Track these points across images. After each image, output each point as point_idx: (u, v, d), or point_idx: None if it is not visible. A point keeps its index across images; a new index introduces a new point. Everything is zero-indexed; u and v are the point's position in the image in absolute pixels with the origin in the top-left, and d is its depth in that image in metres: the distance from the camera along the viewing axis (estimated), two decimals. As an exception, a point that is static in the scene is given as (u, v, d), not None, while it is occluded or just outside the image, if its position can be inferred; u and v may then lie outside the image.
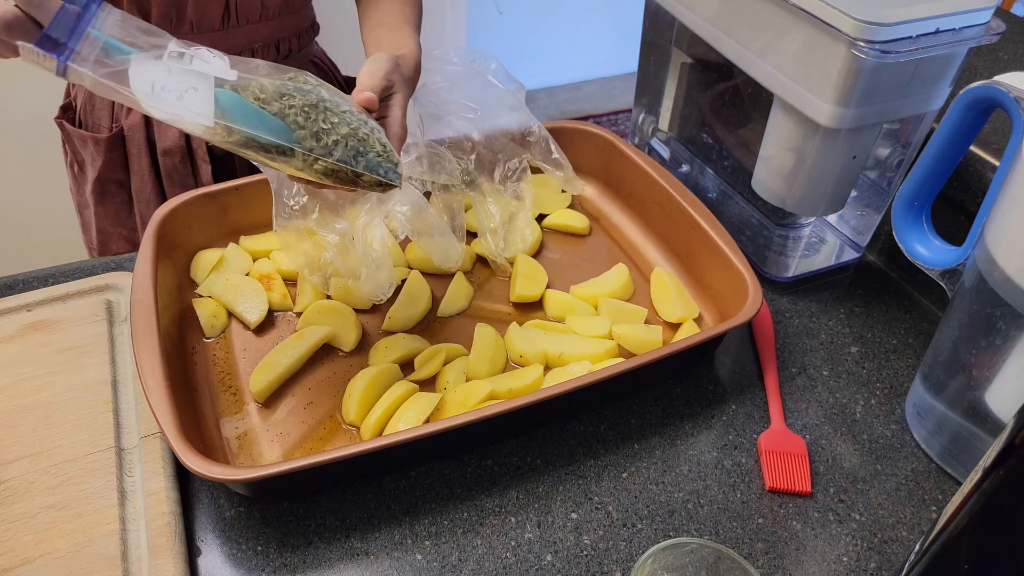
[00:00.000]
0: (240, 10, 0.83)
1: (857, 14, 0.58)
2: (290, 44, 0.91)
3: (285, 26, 0.89)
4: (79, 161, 0.92)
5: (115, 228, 0.94)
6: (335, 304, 0.72)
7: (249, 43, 0.86)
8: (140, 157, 0.89)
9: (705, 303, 0.76)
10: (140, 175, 0.90)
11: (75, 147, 0.91)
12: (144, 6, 0.79)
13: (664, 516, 0.59)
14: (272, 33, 0.88)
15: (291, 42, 0.91)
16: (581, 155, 0.88)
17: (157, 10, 0.80)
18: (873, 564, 0.56)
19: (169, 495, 0.57)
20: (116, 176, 0.90)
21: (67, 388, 0.64)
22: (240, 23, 0.84)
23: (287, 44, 0.91)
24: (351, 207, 0.75)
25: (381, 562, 0.56)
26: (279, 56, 0.90)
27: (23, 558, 0.52)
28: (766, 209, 0.81)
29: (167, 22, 0.81)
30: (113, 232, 0.95)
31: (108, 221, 0.94)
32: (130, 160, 0.89)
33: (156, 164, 0.90)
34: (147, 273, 0.67)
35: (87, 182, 0.92)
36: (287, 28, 0.89)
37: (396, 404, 0.63)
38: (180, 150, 0.89)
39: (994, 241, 0.53)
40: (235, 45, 0.85)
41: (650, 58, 0.90)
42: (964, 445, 0.60)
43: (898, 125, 0.72)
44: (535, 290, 0.76)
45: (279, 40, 0.89)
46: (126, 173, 0.91)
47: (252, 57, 0.87)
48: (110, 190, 0.91)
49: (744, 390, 0.69)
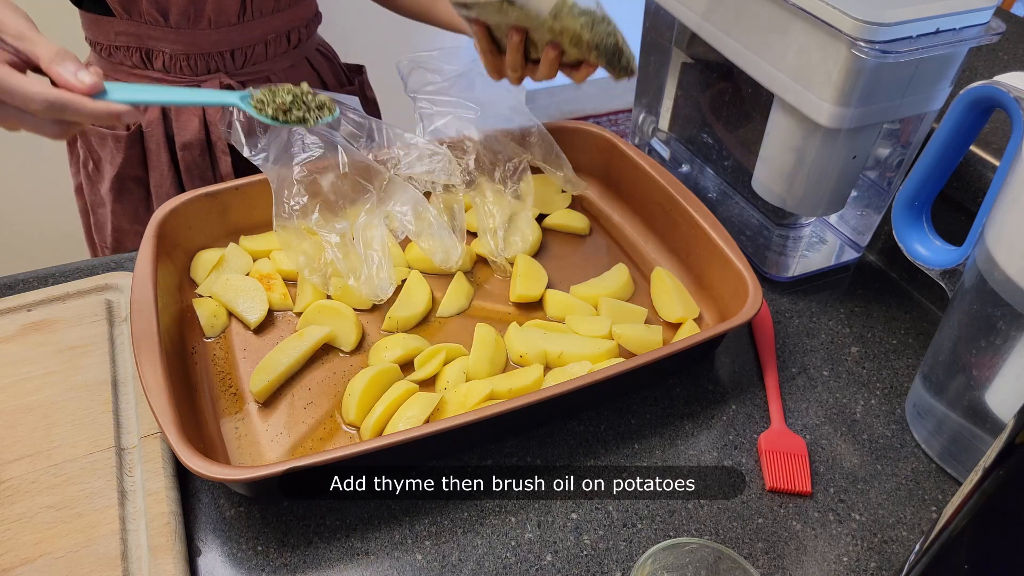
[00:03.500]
0: (255, 4, 0.84)
1: (857, 14, 0.58)
2: (299, 33, 0.92)
3: (296, 16, 0.91)
4: (95, 160, 0.92)
5: (132, 225, 0.95)
6: (335, 304, 0.72)
7: (263, 35, 0.87)
8: (159, 153, 0.89)
9: (705, 303, 0.76)
10: (159, 171, 0.90)
11: (91, 146, 0.91)
12: (163, 5, 0.80)
13: (664, 516, 0.59)
14: (284, 24, 0.89)
15: (300, 31, 0.93)
16: (581, 155, 0.88)
17: (176, 9, 0.80)
18: (873, 564, 0.56)
19: (169, 495, 0.57)
20: (134, 173, 0.91)
21: (67, 388, 0.64)
22: (255, 17, 0.85)
23: (297, 33, 0.92)
24: (351, 207, 0.75)
25: (381, 562, 0.56)
26: (290, 46, 0.91)
27: (23, 558, 0.52)
28: (766, 209, 0.81)
29: (185, 19, 0.81)
30: (130, 229, 0.95)
31: (125, 219, 0.94)
32: (149, 156, 0.90)
33: (175, 159, 0.90)
34: (147, 273, 0.67)
35: (103, 181, 0.92)
36: (297, 18, 0.91)
37: (396, 404, 0.63)
38: (200, 143, 0.89)
39: (994, 241, 0.53)
40: (250, 38, 0.86)
41: (650, 58, 0.90)
42: (964, 445, 0.60)
43: (898, 125, 0.72)
44: (535, 290, 0.76)
45: (290, 31, 0.90)
46: (144, 170, 0.91)
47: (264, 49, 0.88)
48: (128, 187, 0.92)
49: (744, 390, 0.69)
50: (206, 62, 0.86)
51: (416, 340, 0.70)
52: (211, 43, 0.84)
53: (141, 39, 0.83)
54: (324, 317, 0.71)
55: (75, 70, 0.50)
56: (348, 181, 0.75)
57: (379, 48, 1.80)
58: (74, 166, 0.98)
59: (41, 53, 0.50)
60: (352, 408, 0.63)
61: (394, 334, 0.71)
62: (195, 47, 0.84)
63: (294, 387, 0.67)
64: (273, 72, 0.91)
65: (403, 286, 0.75)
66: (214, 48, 0.85)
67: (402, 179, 0.77)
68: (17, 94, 0.48)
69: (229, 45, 0.85)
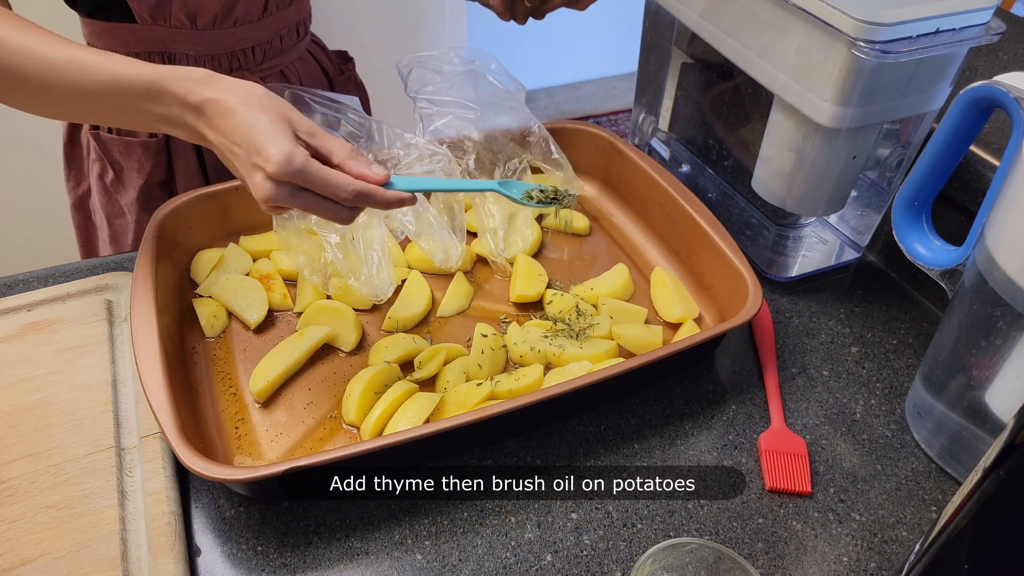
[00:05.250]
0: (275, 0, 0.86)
1: (857, 14, 0.58)
2: (304, 25, 0.94)
3: (303, 8, 0.92)
4: (116, 171, 0.91)
5: None
6: (335, 304, 0.72)
7: (279, 30, 0.89)
8: (187, 156, 0.89)
9: (705, 303, 0.76)
10: (188, 174, 0.90)
11: (112, 157, 0.90)
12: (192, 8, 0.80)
13: (664, 516, 0.59)
14: (295, 16, 0.90)
15: (305, 23, 0.94)
16: (581, 155, 0.88)
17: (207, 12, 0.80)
18: (873, 564, 0.56)
19: (169, 495, 0.57)
20: (160, 179, 0.91)
21: (67, 388, 0.64)
22: (273, 12, 0.87)
23: (303, 25, 0.93)
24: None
25: (381, 562, 0.56)
26: (298, 38, 0.92)
27: (23, 558, 0.52)
28: (766, 209, 0.81)
29: (212, 21, 0.82)
30: None
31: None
32: (175, 161, 0.90)
33: (202, 162, 0.90)
34: (147, 273, 0.67)
35: (126, 191, 0.91)
36: (303, 9, 0.92)
37: (396, 404, 0.63)
38: None
39: (994, 241, 0.53)
40: (269, 33, 0.87)
41: (650, 58, 0.90)
42: (964, 445, 0.60)
43: (898, 125, 0.72)
44: (535, 290, 0.76)
45: (298, 23, 0.91)
46: (170, 175, 0.91)
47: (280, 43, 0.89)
48: (154, 195, 0.91)
49: (744, 390, 0.69)
50: (229, 61, 0.86)
51: (416, 340, 0.70)
52: (234, 41, 0.85)
53: (164, 43, 0.82)
54: (324, 317, 0.71)
55: (369, 164, 0.57)
56: (348, 181, 0.75)
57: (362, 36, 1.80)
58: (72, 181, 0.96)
59: (335, 150, 0.56)
60: (352, 408, 0.63)
61: (394, 334, 0.71)
62: (219, 47, 0.84)
63: (294, 387, 0.67)
64: (285, 65, 0.91)
65: (403, 286, 0.75)
66: (237, 46, 0.85)
67: (402, 179, 0.77)
68: (331, 185, 0.54)
69: (251, 42, 0.86)
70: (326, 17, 1.62)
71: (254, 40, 0.86)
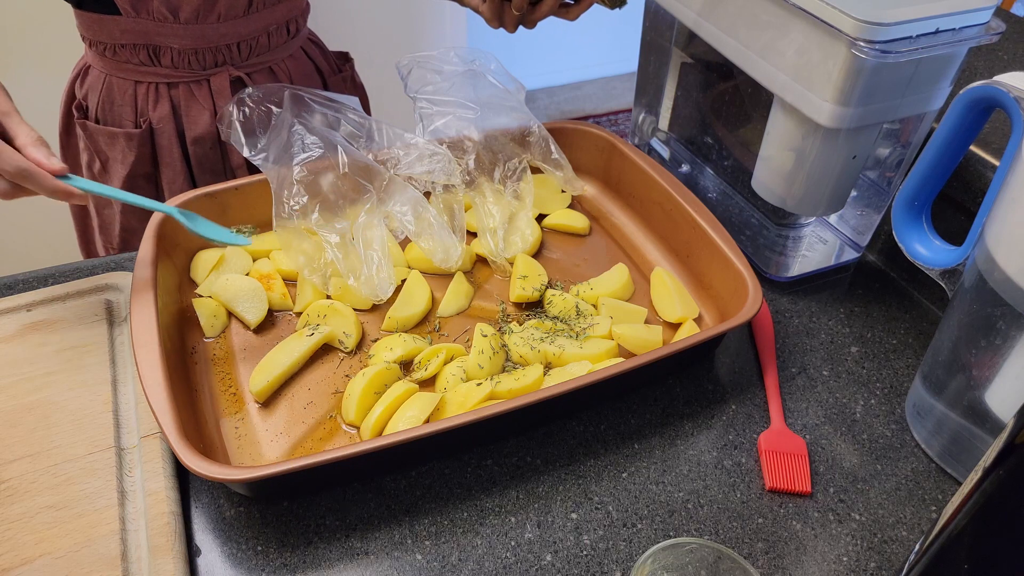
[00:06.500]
0: None
1: (857, 14, 0.58)
2: (297, 23, 0.93)
3: (293, 6, 0.92)
4: (102, 160, 0.92)
5: (141, 223, 0.95)
6: (335, 304, 0.72)
7: (266, 27, 0.89)
8: (171, 148, 0.89)
9: (705, 303, 0.76)
10: (172, 166, 0.90)
11: (99, 146, 0.91)
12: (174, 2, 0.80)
13: (664, 516, 0.59)
14: (284, 14, 0.90)
15: (297, 21, 0.94)
16: (581, 155, 0.88)
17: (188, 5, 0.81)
18: (873, 564, 0.57)
19: (169, 495, 0.57)
20: (145, 170, 0.91)
21: (67, 388, 0.64)
22: (259, 9, 0.87)
23: (295, 23, 0.93)
24: (351, 207, 0.75)
25: (381, 562, 0.56)
26: (288, 36, 0.92)
27: (23, 558, 0.52)
28: (766, 209, 0.81)
29: (195, 15, 0.82)
30: (139, 227, 0.95)
31: (135, 217, 0.94)
32: (160, 152, 0.90)
33: (187, 154, 0.91)
34: (147, 273, 0.67)
35: (111, 181, 0.92)
36: (295, 8, 0.92)
37: (396, 404, 0.63)
38: (211, 137, 0.90)
39: (994, 241, 0.53)
40: (255, 30, 0.87)
41: (650, 58, 0.90)
42: (964, 445, 0.60)
43: (898, 125, 0.72)
44: (535, 290, 0.76)
45: (288, 21, 0.91)
46: (155, 167, 0.91)
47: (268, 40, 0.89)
48: (139, 185, 0.92)
49: (744, 390, 0.69)
50: (214, 56, 0.86)
51: (416, 340, 0.70)
52: (219, 36, 0.85)
53: (148, 36, 0.83)
54: (324, 317, 0.71)
55: (49, 156, 0.61)
56: (348, 181, 0.75)
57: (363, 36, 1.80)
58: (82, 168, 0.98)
59: (21, 134, 0.60)
60: (352, 408, 0.63)
61: (394, 334, 0.71)
62: (203, 41, 0.84)
63: (294, 387, 0.67)
64: (274, 62, 0.91)
65: (403, 286, 0.75)
66: (222, 41, 0.85)
67: (402, 179, 0.77)
68: None
69: (236, 37, 0.86)
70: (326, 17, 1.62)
71: (239, 36, 0.86)
